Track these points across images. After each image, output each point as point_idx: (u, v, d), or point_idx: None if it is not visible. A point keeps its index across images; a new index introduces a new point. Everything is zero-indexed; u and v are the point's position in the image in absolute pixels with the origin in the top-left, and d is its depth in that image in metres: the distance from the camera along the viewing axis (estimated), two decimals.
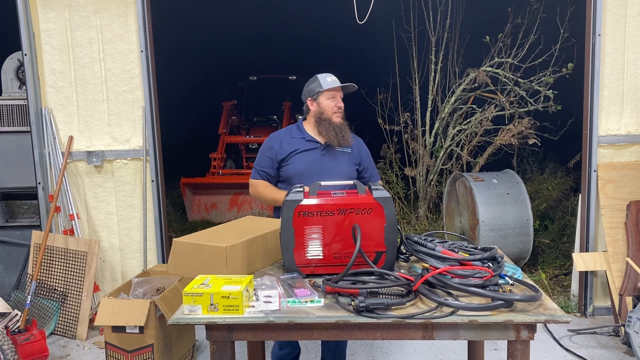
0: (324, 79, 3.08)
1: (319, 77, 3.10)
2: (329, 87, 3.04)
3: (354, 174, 3.15)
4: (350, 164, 3.14)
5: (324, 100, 3.06)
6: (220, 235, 2.53)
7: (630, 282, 3.94)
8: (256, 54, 11.93)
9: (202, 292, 1.94)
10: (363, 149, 3.26)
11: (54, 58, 4.35)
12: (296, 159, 3.05)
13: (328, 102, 3.07)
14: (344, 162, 3.10)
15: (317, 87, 3.07)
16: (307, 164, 3.04)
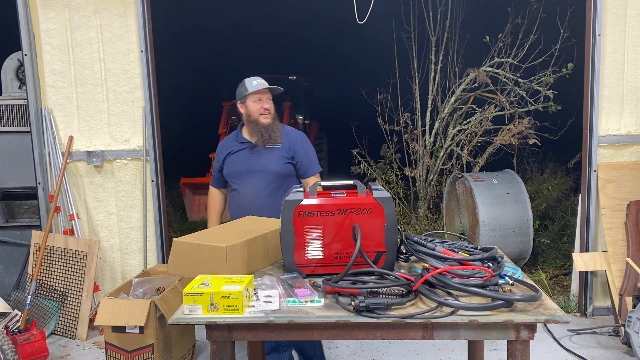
0: (249, 83, 3.24)
1: (245, 81, 3.26)
2: (254, 90, 3.21)
3: (285, 168, 3.27)
4: (279, 158, 3.25)
5: (251, 103, 3.23)
6: (220, 235, 2.53)
7: (630, 282, 3.94)
8: (256, 53, 11.93)
9: (202, 292, 1.94)
10: (298, 143, 3.33)
11: (54, 58, 4.35)
12: (229, 160, 3.31)
13: (254, 104, 3.23)
14: (271, 157, 3.24)
15: (244, 91, 3.24)
16: (237, 164, 3.28)
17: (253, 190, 3.23)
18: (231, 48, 12.18)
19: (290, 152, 3.28)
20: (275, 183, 3.24)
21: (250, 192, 3.23)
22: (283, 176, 3.27)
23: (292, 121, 9.49)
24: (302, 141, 3.37)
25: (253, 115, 3.22)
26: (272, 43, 11.99)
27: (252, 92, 3.20)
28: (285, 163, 3.26)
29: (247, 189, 3.25)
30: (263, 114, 3.22)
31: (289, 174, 3.29)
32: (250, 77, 3.28)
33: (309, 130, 10.12)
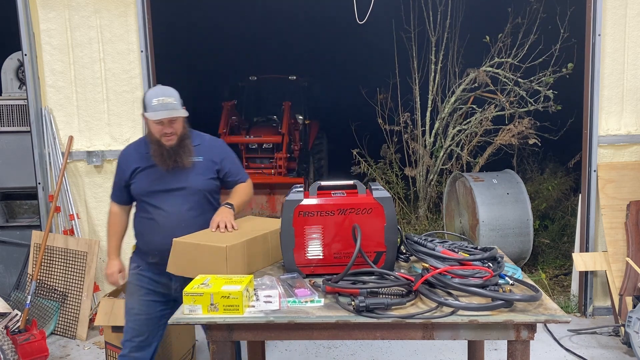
0: (150, 100, 2.63)
1: (147, 95, 2.68)
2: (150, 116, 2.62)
3: (210, 184, 2.83)
4: (203, 173, 2.79)
5: (151, 122, 2.65)
6: (220, 235, 2.53)
7: (630, 282, 3.94)
8: (256, 54, 11.93)
9: (202, 292, 1.94)
10: (219, 152, 2.89)
11: (54, 58, 4.35)
12: (140, 177, 2.76)
13: (155, 125, 2.65)
14: (194, 173, 2.75)
15: (144, 108, 2.67)
16: (151, 182, 2.73)
17: (175, 211, 2.72)
18: (231, 48, 12.17)
19: (215, 165, 2.83)
20: (200, 201, 2.78)
21: (172, 214, 2.71)
22: (209, 193, 2.83)
23: (292, 121, 9.48)
24: (224, 149, 2.94)
25: (153, 135, 2.68)
26: (272, 43, 11.98)
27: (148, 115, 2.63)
28: (210, 178, 2.82)
29: (168, 210, 2.72)
30: (165, 137, 2.66)
31: (215, 190, 2.89)
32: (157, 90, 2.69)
33: (309, 130, 10.11)
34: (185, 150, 2.70)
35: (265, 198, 8.00)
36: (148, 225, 2.75)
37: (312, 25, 11.14)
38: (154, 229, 2.72)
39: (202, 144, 2.82)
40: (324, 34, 11.54)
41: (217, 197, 2.91)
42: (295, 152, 9.19)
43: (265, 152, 8.86)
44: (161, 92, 2.65)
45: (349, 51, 11.93)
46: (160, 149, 2.67)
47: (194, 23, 11.09)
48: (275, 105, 9.62)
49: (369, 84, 7.68)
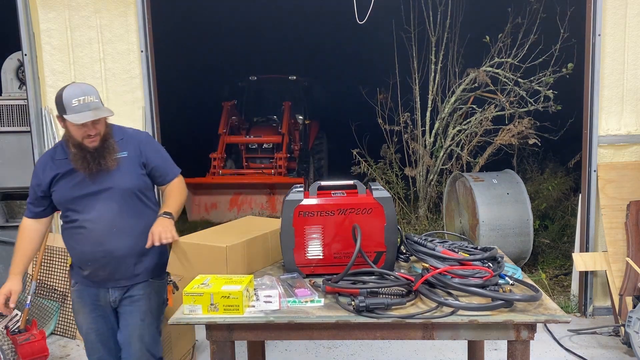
0: (69, 101, 2.34)
1: (64, 94, 2.36)
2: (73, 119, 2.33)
3: (139, 180, 2.55)
4: (131, 169, 2.52)
5: (69, 124, 2.37)
6: (220, 235, 2.54)
7: (630, 282, 3.94)
8: (256, 53, 11.93)
9: (202, 292, 1.94)
10: (147, 145, 2.63)
11: (54, 58, 4.35)
12: (61, 184, 2.48)
13: (75, 128, 2.37)
14: (120, 171, 2.48)
15: (61, 110, 2.37)
16: (74, 187, 2.46)
17: (104, 215, 2.46)
18: (231, 48, 12.18)
19: (141, 158, 2.57)
20: (131, 201, 2.51)
21: (101, 218, 2.45)
22: (140, 191, 2.55)
23: (292, 121, 9.49)
24: (150, 142, 2.68)
25: (73, 138, 2.40)
26: (272, 43, 11.98)
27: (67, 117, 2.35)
28: (139, 174, 2.55)
29: (95, 215, 2.45)
30: (88, 139, 2.39)
31: (146, 187, 2.60)
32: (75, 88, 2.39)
33: (309, 130, 10.12)
34: (109, 150, 2.44)
35: (265, 198, 8.01)
36: (77, 235, 2.49)
37: (312, 25, 11.14)
38: (84, 238, 2.47)
39: (124, 138, 2.56)
40: (324, 34, 11.55)
41: (150, 196, 2.61)
42: (295, 152, 9.20)
43: (265, 152, 8.87)
44: (80, 91, 2.37)
45: (349, 51, 11.94)
46: (82, 152, 2.39)
47: (194, 23, 11.10)
48: (275, 105, 9.63)
49: (369, 84, 7.68)
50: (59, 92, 2.39)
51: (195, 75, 12.27)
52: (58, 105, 2.37)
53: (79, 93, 2.36)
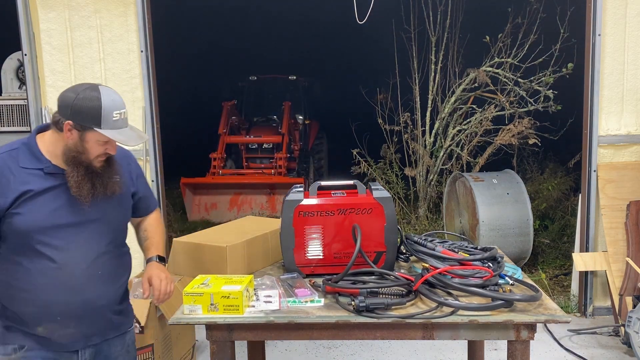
0: (109, 114, 1.84)
1: (105, 103, 1.84)
2: (109, 135, 1.85)
3: (129, 213, 2.15)
4: (123, 199, 2.06)
5: (93, 140, 1.86)
6: (220, 235, 2.54)
7: (630, 282, 3.94)
8: (256, 53, 11.93)
9: (202, 292, 1.94)
10: (136, 168, 2.18)
11: (54, 58, 4.35)
12: (30, 207, 1.85)
13: (97, 145, 1.88)
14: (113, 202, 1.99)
15: (92, 120, 1.83)
16: (48, 213, 1.87)
17: (89, 254, 1.94)
18: (231, 48, 12.18)
19: (132, 185, 2.13)
20: (118, 238, 2.08)
21: (86, 258, 1.93)
22: (125, 224, 2.13)
23: (292, 121, 9.49)
24: (138, 165, 2.21)
25: (87, 156, 1.88)
26: (273, 43, 11.99)
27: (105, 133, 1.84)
28: (131, 205, 2.14)
29: (78, 254, 1.91)
30: (99, 159, 1.91)
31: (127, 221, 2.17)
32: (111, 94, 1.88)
33: (309, 130, 10.13)
34: (114, 171, 1.96)
35: (265, 198, 8.01)
36: (41, 278, 1.86)
37: (313, 25, 11.15)
38: (54, 283, 1.87)
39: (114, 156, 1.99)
40: (324, 34, 11.55)
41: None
42: (295, 152, 9.21)
43: (265, 152, 8.87)
44: (120, 102, 1.89)
45: (349, 51, 11.94)
46: (88, 173, 1.88)
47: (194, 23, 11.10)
48: (275, 105, 9.64)
49: (369, 84, 7.68)
50: (88, 95, 1.83)
51: (195, 76, 12.28)
52: (88, 114, 1.82)
53: (120, 104, 1.88)
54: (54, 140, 1.90)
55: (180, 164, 8.97)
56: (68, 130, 1.84)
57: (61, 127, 1.85)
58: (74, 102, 1.82)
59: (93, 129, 1.83)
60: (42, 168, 1.88)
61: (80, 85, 1.89)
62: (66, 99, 1.84)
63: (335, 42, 11.66)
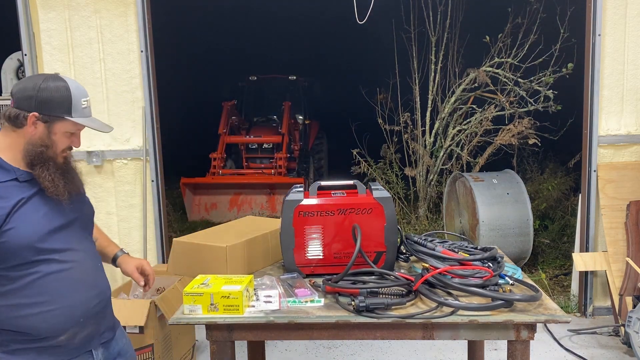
0: (78, 102, 1.80)
1: (73, 89, 1.79)
2: (81, 122, 1.81)
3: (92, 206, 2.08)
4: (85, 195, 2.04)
5: (60, 132, 1.79)
6: (220, 235, 2.53)
7: (630, 282, 3.94)
8: (256, 53, 11.94)
9: (202, 292, 1.94)
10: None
11: (54, 58, 4.35)
12: (22, 218, 1.73)
13: (64, 138, 1.81)
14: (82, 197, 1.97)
15: (62, 109, 1.76)
16: (43, 218, 1.78)
17: (88, 249, 1.94)
18: (231, 48, 12.19)
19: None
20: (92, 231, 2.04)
21: (88, 253, 1.92)
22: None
23: (292, 121, 9.49)
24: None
25: (53, 150, 1.80)
26: (273, 43, 11.99)
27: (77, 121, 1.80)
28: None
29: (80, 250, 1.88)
30: (65, 153, 1.87)
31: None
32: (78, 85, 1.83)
33: (309, 130, 10.13)
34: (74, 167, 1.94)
35: (265, 198, 8.01)
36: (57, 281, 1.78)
37: (313, 25, 11.15)
38: (71, 282, 1.82)
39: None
40: (324, 34, 11.55)
41: None
42: (295, 152, 9.21)
43: (265, 152, 8.88)
44: (85, 90, 1.84)
45: (349, 51, 11.95)
46: (58, 169, 1.81)
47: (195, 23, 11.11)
48: (275, 105, 9.64)
49: (369, 84, 7.68)
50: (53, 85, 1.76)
51: (195, 76, 12.28)
52: (57, 103, 1.75)
53: (85, 92, 1.84)
54: (12, 141, 1.76)
55: (180, 164, 8.98)
56: (32, 124, 1.74)
57: (21, 123, 1.73)
58: (38, 93, 1.73)
59: (63, 119, 1.77)
60: (16, 178, 1.75)
61: (36, 76, 1.80)
62: (27, 90, 1.74)
63: (335, 42, 11.66)
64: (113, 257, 2.15)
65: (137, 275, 2.13)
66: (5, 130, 1.77)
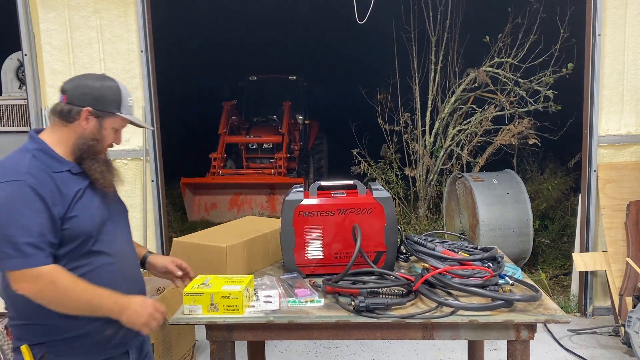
0: (126, 100, 1.92)
1: (122, 88, 1.92)
2: (130, 118, 1.92)
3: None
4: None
5: (110, 127, 1.88)
6: (220, 235, 2.54)
7: (630, 282, 3.94)
8: (256, 53, 11.94)
9: (202, 292, 1.94)
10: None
11: (54, 58, 4.35)
12: (82, 208, 1.79)
13: (111, 133, 1.90)
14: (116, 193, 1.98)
15: (114, 105, 1.88)
16: (98, 211, 1.84)
17: (129, 242, 2.01)
18: (231, 48, 12.19)
19: None
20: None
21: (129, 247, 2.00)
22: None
23: (292, 121, 9.49)
24: None
25: (102, 144, 1.88)
26: (273, 43, 11.99)
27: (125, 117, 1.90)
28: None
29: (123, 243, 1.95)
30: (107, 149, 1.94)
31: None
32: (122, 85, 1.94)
33: (309, 130, 10.13)
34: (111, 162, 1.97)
35: (265, 198, 8.01)
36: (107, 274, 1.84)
37: (313, 25, 11.16)
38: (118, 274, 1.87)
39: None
40: (324, 34, 11.56)
41: None
42: (295, 152, 9.21)
43: (265, 152, 8.88)
44: (128, 91, 1.97)
45: (349, 51, 11.94)
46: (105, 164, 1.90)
47: (194, 23, 11.11)
48: (275, 105, 9.64)
49: (369, 84, 7.69)
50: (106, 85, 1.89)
51: (195, 75, 12.28)
52: (110, 99, 1.86)
53: (128, 92, 1.96)
54: (62, 136, 1.84)
55: (180, 164, 8.98)
56: (85, 118, 1.83)
57: (73, 118, 1.82)
58: (92, 90, 1.86)
59: (113, 114, 1.86)
60: (69, 169, 1.82)
61: (88, 75, 1.94)
62: (82, 87, 1.87)
63: (336, 42, 11.66)
64: (142, 258, 2.14)
65: (174, 267, 2.12)
66: (55, 126, 1.85)
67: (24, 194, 1.68)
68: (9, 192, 1.68)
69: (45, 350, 1.76)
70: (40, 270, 1.66)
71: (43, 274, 1.66)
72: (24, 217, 1.66)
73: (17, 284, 1.67)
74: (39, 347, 1.76)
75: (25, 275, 1.65)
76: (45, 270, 1.66)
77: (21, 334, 1.78)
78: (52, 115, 1.86)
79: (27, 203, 1.67)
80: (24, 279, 1.66)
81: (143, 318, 1.79)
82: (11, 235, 1.64)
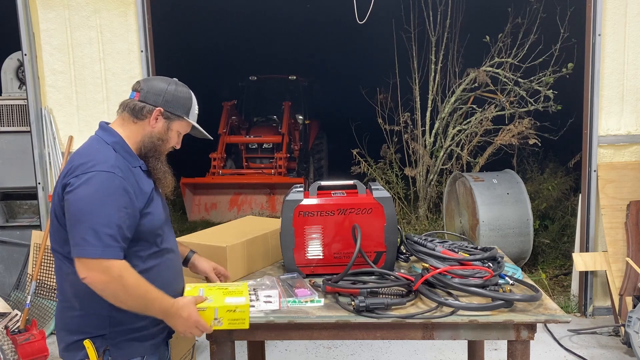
0: (195, 107, 2.03)
1: (192, 99, 2.02)
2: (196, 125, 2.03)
3: None
4: None
5: (175, 130, 1.95)
6: (220, 235, 2.53)
7: (630, 282, 3.94)
8: (256, 53, 11.93)
9: (206, 307, 1.80)
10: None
11: (54, 58, 4.35)
12: (153, 204, 1.88)
13: (175, 136, 1.97)
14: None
15: (183, 109, 1.96)
16: (162, 210, 1.94)
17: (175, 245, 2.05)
18: (231, 48, 12.18)
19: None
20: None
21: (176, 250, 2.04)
22: None
23: (292, 121, 9.49)
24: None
25: (165, 145, 1.95)
26: (273, 43, 11.99)
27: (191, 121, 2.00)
28: None
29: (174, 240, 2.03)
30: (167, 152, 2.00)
31: None
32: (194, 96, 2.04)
33: (309, 130, 10.13)
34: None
35: (265, 198, 8.01)
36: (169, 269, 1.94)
37: (313, 25, 11.14)
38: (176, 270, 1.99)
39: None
40: (325, 34, 11.55)
41: None
42: (295, 152, 9.21)
43: (265, 152, 8.88)
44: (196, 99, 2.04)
45: (349, 51, 11.94)
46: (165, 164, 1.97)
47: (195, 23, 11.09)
48: (275, 105, 9.64)
49: (369, 84, 7.68)
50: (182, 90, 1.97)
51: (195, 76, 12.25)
52: (181, 103, 1.94)
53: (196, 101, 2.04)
54: (130, 132, 1.88)
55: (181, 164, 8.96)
56: (155, 117, 1.88)
57: (144, 115, 1.87)
58: (167, 91, 1.92)
59: (182, 118, 1.94)
60: (140, 166, 1.88)
61: (163, 78, 2.00)
62: (157, 88, 1.92)
63: (335, 42, 11.65)
64: (185, 257, 2.18)
65: (214, 275, 2.16)
66: (125, 121, 1.90)
67: (113, 186, 1.72)
68: (99, 182, 1.71)
69: (107, 344, 1.79)
70: (112, 262, 1.68)
71: (113, 267, 1.68)
72: (109, 208, 1.70)
73: (86, 272, 1.68)
74: (100, 340, 1.78)
75: (98, 265, 1.67)
76: (116, 264, 1.69)
77: (81, 325, 1.79)
78: (123, 111, 1.90)
79: (114, 195, 1.71)
80: (95, 268, 1.67)
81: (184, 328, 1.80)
82: (96, 224, 1.67)
